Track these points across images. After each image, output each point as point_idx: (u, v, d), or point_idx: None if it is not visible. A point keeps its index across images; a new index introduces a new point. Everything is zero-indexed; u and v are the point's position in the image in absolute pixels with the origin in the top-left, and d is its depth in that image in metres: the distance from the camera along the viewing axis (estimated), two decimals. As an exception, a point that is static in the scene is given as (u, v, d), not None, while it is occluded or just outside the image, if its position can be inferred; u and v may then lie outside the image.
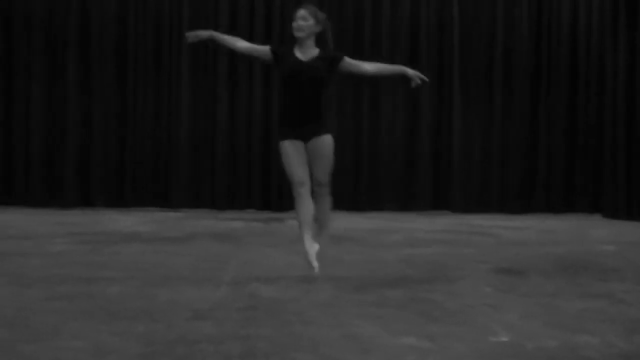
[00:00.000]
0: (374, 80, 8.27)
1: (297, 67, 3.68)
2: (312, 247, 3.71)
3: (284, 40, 7.60)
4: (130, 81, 8.00)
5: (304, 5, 3.75)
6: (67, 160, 7.86)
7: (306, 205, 3.70)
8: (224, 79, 8.14)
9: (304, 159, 3.71)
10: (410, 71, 3.81)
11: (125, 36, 7.97)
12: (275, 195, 8.19)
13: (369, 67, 3.87)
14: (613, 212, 7.85)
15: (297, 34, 3.70)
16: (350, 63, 3.78)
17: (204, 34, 3.86)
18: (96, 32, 7.92)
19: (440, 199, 8.47)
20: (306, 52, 3.73)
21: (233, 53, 4.14)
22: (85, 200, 7.90)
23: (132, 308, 2.99)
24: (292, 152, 3.69)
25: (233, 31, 7.31)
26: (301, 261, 3.83)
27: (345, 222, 7.16)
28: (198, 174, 8.14)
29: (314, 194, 3.78)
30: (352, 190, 8.34)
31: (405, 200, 8.38)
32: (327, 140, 3.74)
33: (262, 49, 3.84)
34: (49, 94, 7.84)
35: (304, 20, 3.68)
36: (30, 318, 2.80)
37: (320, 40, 3.80)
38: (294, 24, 3.71)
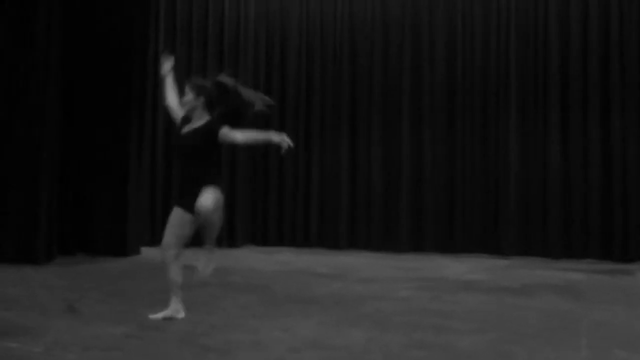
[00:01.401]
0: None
1: (177, 139, 3.91)
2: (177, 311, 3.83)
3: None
4: (459, 129, 8.23)
5: (188, 80, 3.95)
6: (401, 206, 8.41)
7: (170, 270, 3.81)
8: (554, 124, 7.78)
9: (181, 228, 3.78)
10: (275, 137, 3.72)
11: (454, 86, 8.26)
12: (619, 244, 7.36)
13: (239, 136, 3.80)
14: None
15: (183, 109, 3.91)
16: (225, 134, 3.76)
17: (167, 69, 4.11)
18: (426, 83, 8.40)
19: None
20: (194, 124, 3.85)
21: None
22: (417, 244, 8.31)
23: (491, 366, 2.96)
24: (171, 219, 3.83)
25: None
26: None
27: None
28: (528, 221, 7.85)
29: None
30: None
31: None
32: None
33: (177, 112, 4.02)
34: (384, 143, 8.53)
35: (186, 95, 3.87)
36: (397, 365, 3.00)
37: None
38: None
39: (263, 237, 8.77)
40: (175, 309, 3.83)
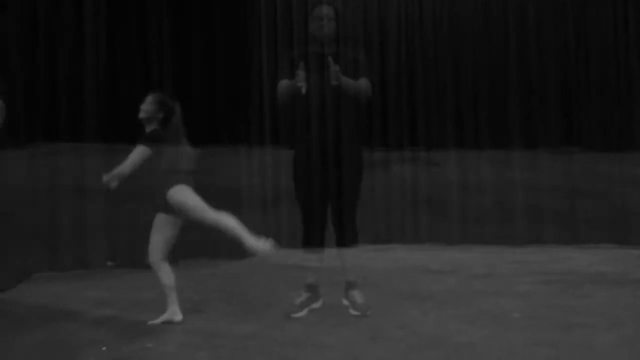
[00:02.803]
0: None
1: None
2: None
3: None
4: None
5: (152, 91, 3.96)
6: (516, 196, 8.05)
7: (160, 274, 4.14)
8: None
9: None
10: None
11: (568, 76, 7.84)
12: None
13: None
14: None
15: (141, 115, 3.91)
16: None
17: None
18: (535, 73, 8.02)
19: None
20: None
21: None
22: (535, 236, 7.91)
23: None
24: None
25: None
26: None
27: None
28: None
29: None
30: None
31: None
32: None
33: None
34: (493, 131, 8.21)
35: (146, 103, 3.88)
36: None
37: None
38: None
39: (372, 235, 8.75)
40: (172, 311, 3.84)
